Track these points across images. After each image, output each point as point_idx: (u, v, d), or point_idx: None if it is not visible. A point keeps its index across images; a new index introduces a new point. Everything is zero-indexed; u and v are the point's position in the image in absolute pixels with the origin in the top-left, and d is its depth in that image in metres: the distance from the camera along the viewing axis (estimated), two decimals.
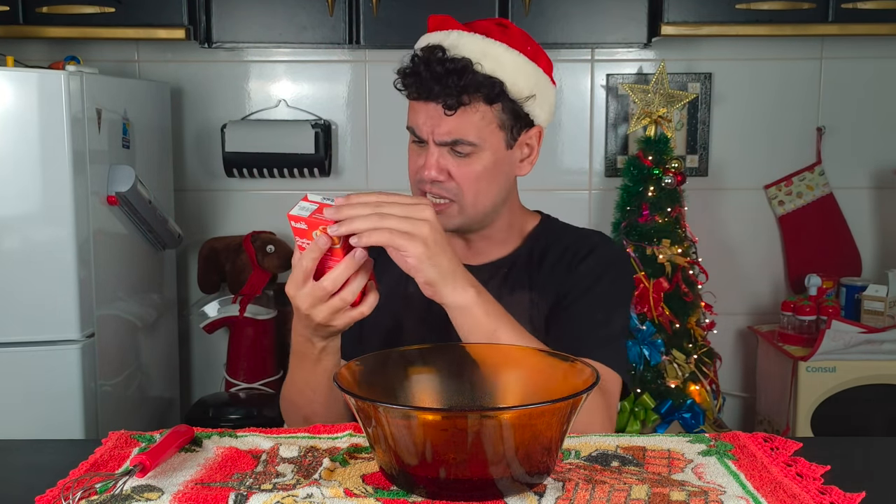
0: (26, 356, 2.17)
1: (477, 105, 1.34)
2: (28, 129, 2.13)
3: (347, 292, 1.16)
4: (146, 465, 1.00)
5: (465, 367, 1.13)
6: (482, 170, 1.37)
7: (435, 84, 1.32)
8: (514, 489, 0.96)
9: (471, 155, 1.36)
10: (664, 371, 2.71)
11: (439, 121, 1.34)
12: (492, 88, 1.34)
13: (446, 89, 1.32)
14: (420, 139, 1.37)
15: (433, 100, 1.33)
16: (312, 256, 1.14)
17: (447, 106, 1.32)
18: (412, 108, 1.38)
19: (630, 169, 2.81)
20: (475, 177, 1.37)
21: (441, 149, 1.35)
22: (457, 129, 1.34)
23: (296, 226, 1.13)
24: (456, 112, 1.33)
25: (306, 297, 1.17)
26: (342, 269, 1.14)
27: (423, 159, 1.37)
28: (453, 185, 1.36)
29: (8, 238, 2.16)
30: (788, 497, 0.98)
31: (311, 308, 1.17)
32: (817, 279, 2.89)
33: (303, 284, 1.16)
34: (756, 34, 2.73)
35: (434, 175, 1.35)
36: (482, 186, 1.38)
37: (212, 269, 2.91)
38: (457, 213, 1.38)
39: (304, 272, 1.15)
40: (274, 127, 2.93)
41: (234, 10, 2.67)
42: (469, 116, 1.34)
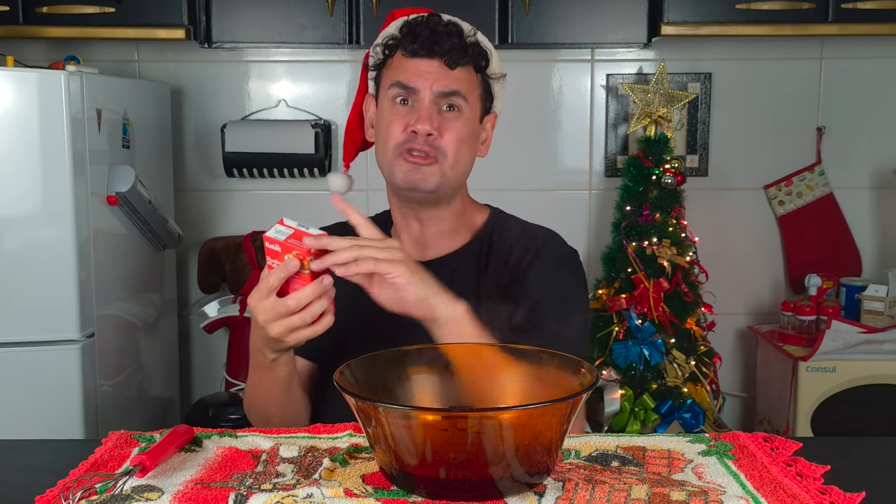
0: (26, 356, 2.17)
1: (469, 69, 1.43)
2: (28, 129, 2.13)
3: (307, 313, 1.20)
4: (146, 465, 1.00)
5: (465, 367, 1.13)
6: (465, 132, 1.43)
7: (441, 39, 1.39)
8: (514, 489, 0.96)
9: (459, 113, 1.42)
10: (664, 371, 2.71)
11: (439, 74, 1.40)
12: (482, 57, 1.44)
13: (450, 44, 1.39)
14: (409, 91, 1.40)
15: (434, 56, 1.40)
16: (280, 276, 1.18)
17: (450, 61, 1.39)
18: (402, 66, 1.42)
19: (630, 169, 2.81)
20: (458, 138, 1.41)
21: (432, 105, 1.40)
22: (454, 83, 1.41)
23: (270, 247, 1.19)
24: (456, 69, 1.40)
25: (267, 310, 1.21)
26: (309, 292, 1.18)
27: (411, 117, 1.40)
28: (440, 142, 1.40)
29: (8, 238, 2.16)
30: (788, 497, 0.98)
31: (268, 322, 1.21)
32: (817, 279, 2.89)
33: (265, 297, 1.20)
34: (756, 34, 2.73)
35: (428, 128, 1.39)
36: (462, 150, 1.43)
37: (212, 269, 2.91)
38: (437, 171, 1.41)
39: (270, 288, 1.20)
40: (274, 127, 2.93)
41: (234, 10, 2.67)
42: (464, 75, 1.42)
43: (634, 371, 2.70)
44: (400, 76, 1.41)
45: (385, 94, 1.44)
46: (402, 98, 1.42)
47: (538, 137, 3.03)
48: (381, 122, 1.45)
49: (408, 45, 1.41)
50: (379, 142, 1.46)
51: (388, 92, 1.43)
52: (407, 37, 1.41)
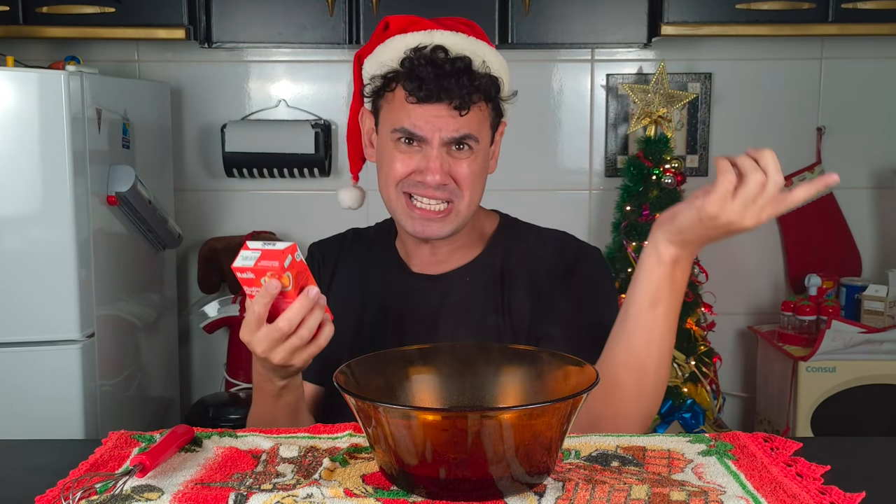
0: (26, 356, 2.17)
1: (479, 104, 1.33)
2: (28, 129, 2.13)
3: (304, 330, 1.15)
4: (146, 465, 1.00)
5: (465, 367, 1.13)
6: (478, 169, 1.36)
7: (446, 83, 1.29)
8: (514, 489, 0.96)
9: (471, 153, 1.34)
10: None
11: (447, 120, 1.31)
12: (492, 87, 1.34)
13: (460, 89, 1.29)
14: (415, 139, 1.33)
15: (442, 101, 1.30)
16: (264, 302, 1.12)
17: (460, 105, 1.30)
18: (406, 111, 1.32)
19: (630, 169, 2.81)
20: (472, 176, 1.35)
21: (441, 150, 1.32)
22: (466, 126, 1.32)
23: (242, 276, 1.13)
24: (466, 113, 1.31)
25: (262, 341, 1.15)
26: (297, 309, 1.13)
27: (417, 161, 1.33)
28: (454, 186, 1.34)
29: (8, 238, 2.16)
30: (788, 497, 0.98)
31: (268, 351, 1.16)
32: (817, 279, 2.89)
33: (257, 329, 1.15)
34: (756, 34, 2.73)
35: (440, 179, 1.32)
36: (476, 186, 1.37)
37: (212, 269, 2.91)
38: (454, 218, 1.36)
39: (257, 317, 1.14)
40: (274, 127, 2.93)
41: (234, 10, 2.67)
42: (474, 115, 1.33)
43: None
44: (404, 121, 1.32)
45: (387, 132, 1.36)
46: (408, 139, 1.34)
47: (538, 137, 3.03)
48: (383, 157, 1.38)
49: (412, 89, 1.30)
50: (380, 176, 1.39)
51: (391, 133, 1.34)
52: (409, 78, 1.30)
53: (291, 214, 3.02)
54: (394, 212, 1.40)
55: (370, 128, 1.43)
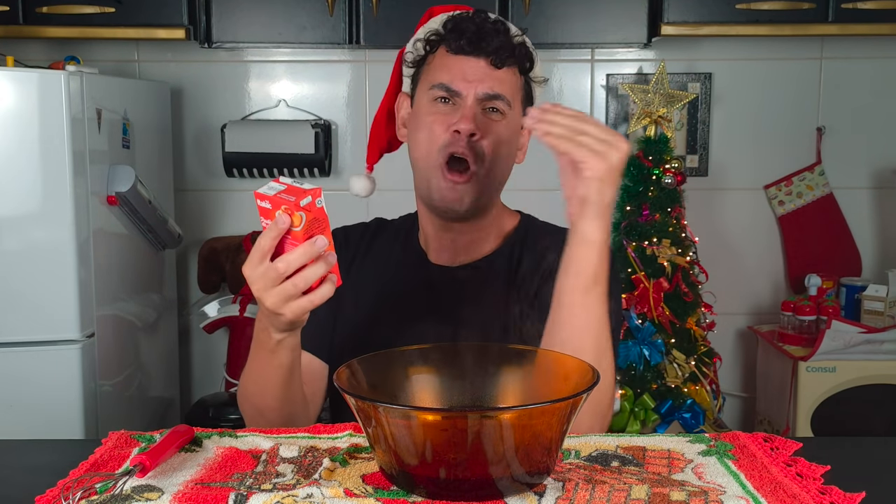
0: (26, 356, 2.17)
1: (513, 69, 1.38)
2: (28, 129, 2.13)
3: (300, 279, 1.10)
4: (146, 465, 1.00)
5: (465, 367, 1.13)
6: (507, 135, 1.38)
7: (486, 37, 1.34)
8: (514, 489, 0.96)
9: (503, 116, 1.37)
10: (664, 371, 2.71)
11: (483, 75, 1.35)
12: (528, 58, 1.39)
13: (497, 43, 1.34)
14: (451, 94, 1.35)
15: (480, 54, 1.35)
16: (272, 235, 1.09)
17: (498, 59, 1.34)
18: (444, 64, 1.37)
19: (630, 169, 2.81)
20: (499, 140, 1.37)
21: (476, 105, 1.35)
22: (499, 85, 1.36)
23: (261, 204, 1.09)
24: (502, 69, 1.35)
25: (260, 277, 1.11)
26: (298, 254, 1.08)
27: (453, 116, 1.35)
28: (481, 144, 1.36)
29: (8, 238, 2.16)
30: (788, 497, 0.98)
31: (262, 291, 1.12)
32: (817, 279, 2.89)
33: (259, 263, 1.11)
34: (756, 34, 2.73)
35: (472, 128, 1.33)
36: (500, 153, 1.38)
37: (212, 269, 2.91)
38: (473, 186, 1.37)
39: (262, 251, 1.10)
40: (274, 127, 2.93)
41: (234, 10, 2.67)
42: (509, 77, 1.37)
43: (634, 371, 2.69)
44: (443, 77, 1.36)
45: (424, 93, 1.39)
46: (444, 97, 1.36)
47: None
48: (420, 121, 1.39)
49: (453, 41, 1.35)
50: (416, 142, 1.40)
51: (429, 92, 1.37)
52: (452, 33, 1.36)
53: None
54: (426, 178, 1.39)
55: (405, 113, 1.46)
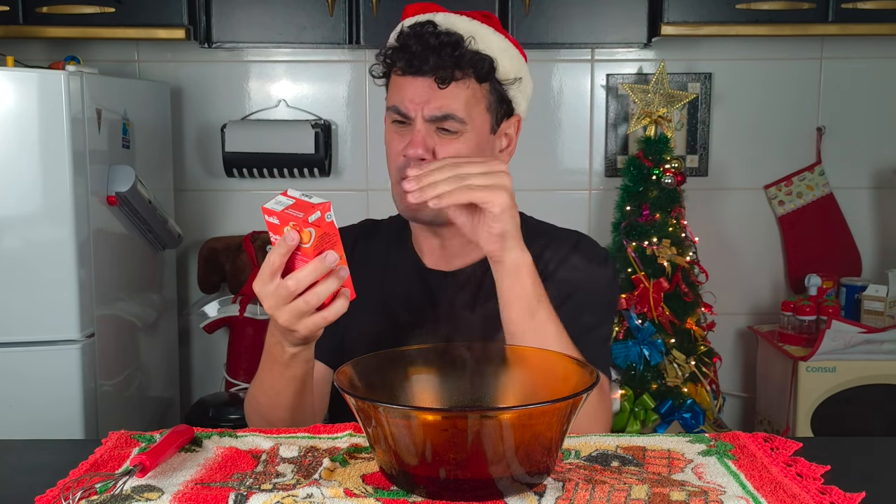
0: (26, 356, 2.17)
1: (468, 81, 1.33)
2: (28, 129, 2.13)
3: (312, 295, 1.09)
4: (146, 465, 1.00)
5: (465, 367, 1.13)
6: (467, 151, 1.33)
7: (429, 56, 1.29)
8: (514, 489, 0.96)
9: (458, 134, 1.33)
10: (664, 371, 2.71)
11: (430, 95, 1.31)
12: (483, 65, 1.33)
13: (440, 61, 1.29)
14: (404, 118, 1.33)
15: (425, 74, 1.30)
16: (281, 252, 1.08)
17: (440, 78, 1.30)
18: (396, 86, 1.34)
19: (630, 169, 2.81)
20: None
21: (427, 127, 1.32)
22: (448, 105, 1.31)
23: (269, 220, 1.08)
24: (448, 86, 1.31)
25: (271, 295, 1.10)
26: (308, 271, 1.08)
27: (406, 139, 1.33)
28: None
29: (8, 238, 2.16)
30: (788, 497, 0.98)
31: (274, 309, 1.11)
32: (817, 279, 2.89)
33: (269, 280, 1.10)
34: (756, 34, 2.73)
35: (420, 153, 1.31)
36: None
37: (212, 269, 2.91)
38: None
39: (272, 268, 1.09)
40: (274, 127, 2.93)
41: (234, 10, 2.67)
42: (460, 92, 1.32)
43: (634, 371, 2.70)
44: (395, 99, 1.34)
45: (387, 112, 1.38)
46: (399, 121, 1.35)
47: (538, 137, 3.02)
48: (386, 138, 1.39)
49: (398, 61, 1.32)
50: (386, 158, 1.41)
51: (388, 114, 1.36)
52: (400, 51, 1.32)
53: None
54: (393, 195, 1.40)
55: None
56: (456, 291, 1.41)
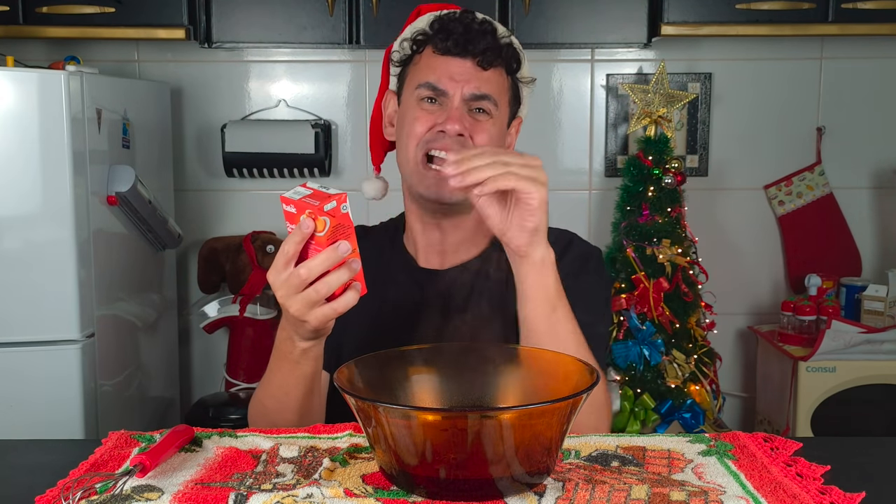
0: (26, 356, 2.17)
1: (501, 70, 1.39)
2: (28, 129, 2.13)
3: (322, 284, 1.09)
4: (146, 465, 1.00)
5: (465, 367, 1.13)
6: (495, 135, 1.38)
7: (473, 38, 1.34)
8: (514, 489, 0.96)
9: (490, 117, 1.37)
10: (664, 371, 2.71)
11: (471, 75, 1.35)
12: (515, 59, 1.40)
13: (485, 44, 1.34)
14: (439, 94, 1.35)
15: (467, 55, 1.35)
16: (296, 240, 1.08)
17: (484, 61, 1.35)
18: (430, 64, 1.36)
19: (630, 169, 2.81)
20: (488, 140, 1.36)
21: (463, 105, 1.35)
22: (486, 85, 1.36)
23: (286, 209, 1.09)
24: (488, 70, 1.35)
25: (283, 283, 1.10)
26: (321, 260, 1.07)
27: (439, 116, 1.35)
28: (471, 144, 1.35)
29: (8, 238, 2.16)
30: (788, 497, 0.98)
31: (286, 297, 1.11)
32: (817, 279, 2.89)
33: (283, 269, 1.10)
34: (756, 34, 2.73)
35: (459, 128, 1.33)
36: None
37: (212, 269, 2.91)
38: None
39: (286, 256, 1.09)
40: (274, 127, 2.93)
41: (234, 10, 2.68)
42: (496, 77, 1.38)
43: (634, 371, 2.69)
44: (429, 76, 1.35)
45: (411, 92, 1.38)
46: (430, 98, 1.36)
47: (538, 137, 3.03)
48: (405, 119, 1.39)
49: (440, 42, 1.35)
50: (401, 141, 1.40)
51: (416, 91, 1.37)
52: (439, 33, 1.35)
53: None
54: (410, 177, 1.39)
55: (392, 111, 1.46)
56: (450, 289, 1.41)
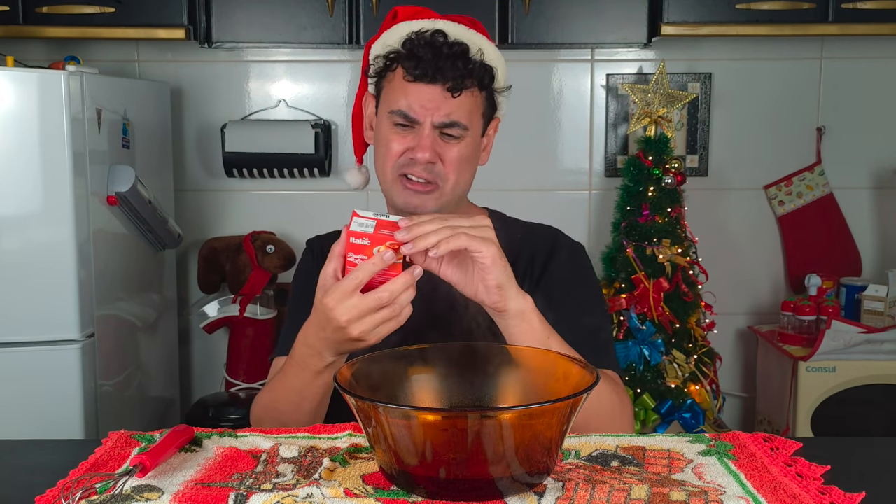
0: (26, 356, 2.17)
1: (472, 90, 1.39)
2: (28, 129, 2.13)
3: (398, 305, 1.15)
4: (146, 465, 1.00)
5: (465, 367, 1.13)
6: (467, 155, 1.40)
7: (443, 65, 1.35)
8: (514, 489, 0.96)
9: (460, 139, 1.39)
10: (664, 371, 2.71)
11: (440, 103, 1.36)
12: (486, 75, 1.40)
13: (454, 71, 1.35)
14: (410, 121, 1.38)
15: (436, 82, 1.36)
16: (373, 270, 1.14)
17: (453, 88, 1.36)
18: (402, 90, 1.38)
19: (630, 169, 2.81)
20: (459, 161, 1.39)
21: (433, 132, 1.37)
22: (455, 113, 1.37)
23: (356, 241, 1.14)
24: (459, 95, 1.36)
25: (351, 309, 1.14)
26: (401, 284, 1.14)
27: (410, 141, 1.38)
28: (440, 168, 1.39)
29: (8, 238, 2.16)
30: (788, 497, 0.98)
31: (353, 321, 1.15)
32: (817, 279, 2.89)
33: (350, 296, 1.14)
34: (756, 34, 2.73)
35: (429, 157, 1.36)
36: (462, 172, 1.41)
37: (212, 269, 2.91)
38: (437, 196, 1.40)
39: (357, 284, 1.14)
40: (274, 127, 2.93)
41: (234, 10, 2.68)
42: (466, 100, 1.38)
43: (634, 371, 2.69)
44: (400, 103, 1.38)
45: (385, 114, 1.41)
46: (402, 124, 1.39)
47: (538, 137, 3.03)
48: (380, 137, 1.43)
49: (409, 67, 1.37)
50: (377, 156, 1.44)
51: (389, 116, 1.40)
52: (409, 58, 1.37)
53: (291, 214, 3.02)
54: (388, 190, 1.44)
55: (371, 112, 1.48)
56: (433, 287, 1.42)
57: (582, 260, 1.50)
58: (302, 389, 1.31)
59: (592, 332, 1.39)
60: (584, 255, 1.52)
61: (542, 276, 1.45)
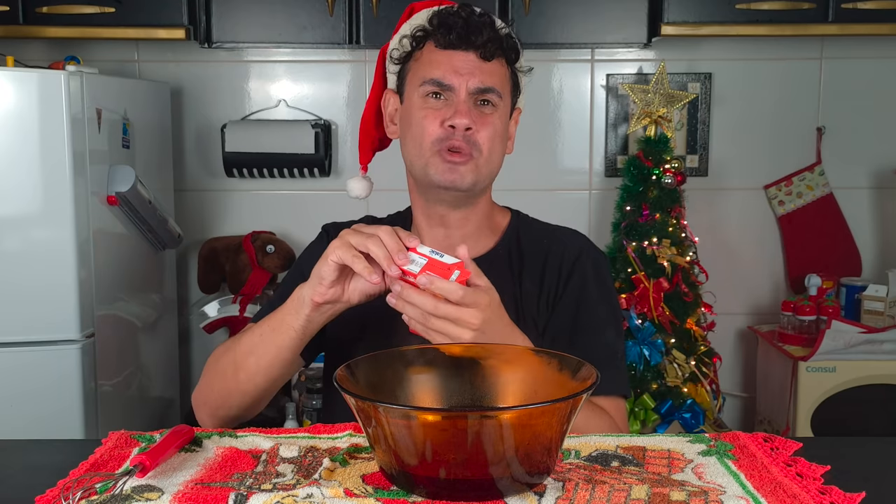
0: (26, 356, 2.17)
1: (501, 61, 1.40)
2: (28, 129, 2.13)
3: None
4: (146, 465, 1.00)
5: (465, 367, 1.13)
6: (499, 127, 1.40)
7: (474, 31, 1.36)
8: (514, 489, 0.96)
9: (493, 109, 1.39)
10: (664, 371, 2.71)
11: (474, 68, 1.36)
12: (513, 49, 1.41)
13: (485, 36, 1.36)
14: (444, 88, 1.36)
15: (469, 48, 1.36)
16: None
17: (486, 53, 1.36)
18: (433, 60, 1.38)
19: (630, 169, 2.81)
20: (492, 133, 1.38)
21: (469, 98, 1.37)
22: (489, 78, 1.37)
23: (411, 280, 1.18)
24: (491, 62, 1.37)
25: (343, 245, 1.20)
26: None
27: (445, 112, 1.36)
28: (476, 137, 1.37)
29: (8, 238, 2.16)
30: (788, 497, 0.98)
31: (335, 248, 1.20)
32: (817, 279, 2.90)
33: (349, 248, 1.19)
34: (756, 34, 2.73)
35: (467, 122, 1.35)
36: (496, 145, 1.40)
37: (212, 269, 2.91)
38: (473, 169, 1.38)
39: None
40: (274, 127, 2.93)
41: (234, 10, 2.68)
42: (498, 69, 1.39)
43: (634, 371, 2.69)
44: (433, 72, 1.37)
45: (415, 89, 1.39)
46: (436, 93, 1.37)
47: (538, 137, 3.03)
48: (412, 117, 1.40)
49: (441, 36, 1.36)
50: (409, 138, 1.41)
51: (420, 88, 1.38)
52: (440, 28, 1.37)
53: (291, 214, 3.02)
54: (423, 170, 1.40)
55: (393, 109, 1.47)
56: None
57: (603, 274, 1.48)
58: (255, 346, 1.31)
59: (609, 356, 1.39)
60: (606, 269, 1.50)
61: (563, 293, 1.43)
